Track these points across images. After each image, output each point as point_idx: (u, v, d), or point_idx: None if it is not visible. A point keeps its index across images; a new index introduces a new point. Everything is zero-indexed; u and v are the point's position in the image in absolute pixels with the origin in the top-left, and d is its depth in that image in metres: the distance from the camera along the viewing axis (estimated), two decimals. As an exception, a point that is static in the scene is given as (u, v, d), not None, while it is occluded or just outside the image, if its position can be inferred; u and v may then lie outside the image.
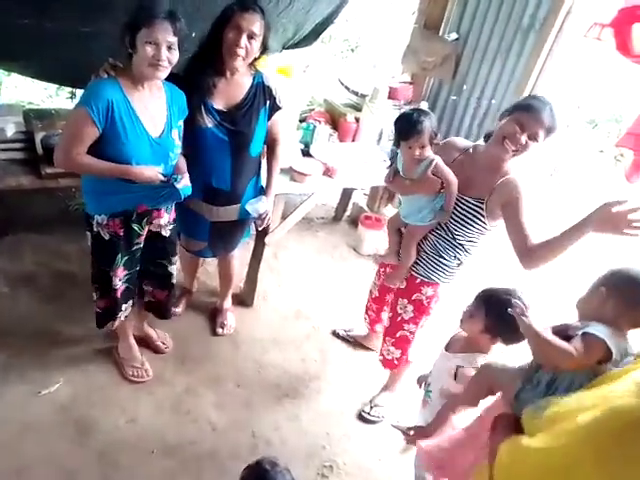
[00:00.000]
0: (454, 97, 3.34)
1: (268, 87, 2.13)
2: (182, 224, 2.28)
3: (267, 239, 2.70)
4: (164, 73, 1.76)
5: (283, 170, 2.59)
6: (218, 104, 2.06)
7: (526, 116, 1.73)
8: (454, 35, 3.24)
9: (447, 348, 1.88)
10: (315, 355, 2.74)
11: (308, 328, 2.90)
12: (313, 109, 3.56)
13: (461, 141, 2.08)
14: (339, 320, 2.95)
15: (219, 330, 2.72)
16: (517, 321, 1.36)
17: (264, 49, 2.02)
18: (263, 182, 2.36)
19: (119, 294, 2.15)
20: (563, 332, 1.36)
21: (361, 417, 2.47)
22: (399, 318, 2.18)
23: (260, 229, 2.40)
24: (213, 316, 2.79)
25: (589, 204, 1.64)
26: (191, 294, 2.89)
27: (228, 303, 2.82)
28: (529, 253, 1.72)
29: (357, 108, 3.30)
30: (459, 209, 1.91)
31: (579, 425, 0.98)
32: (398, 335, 2.22)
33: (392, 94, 3.28)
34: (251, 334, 2.78)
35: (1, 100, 2.75)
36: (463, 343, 1.83)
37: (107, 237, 1.98)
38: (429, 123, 1.84)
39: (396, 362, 2.30)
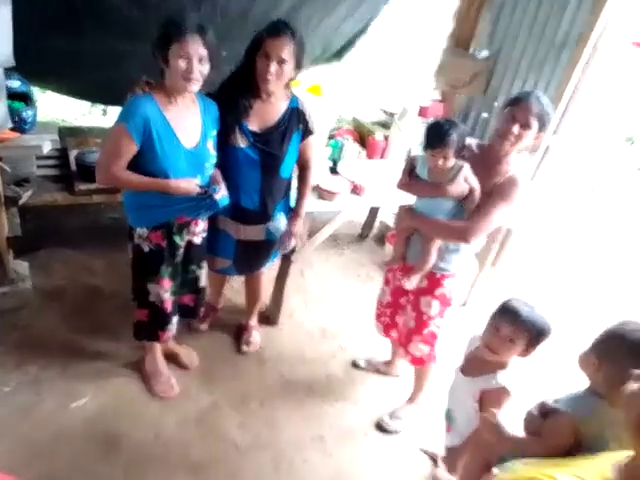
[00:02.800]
0: (485, 114, 3.30)
1: (302, 112, 2.15)
2: (208, 241, 2.29)
3: (293, 257, 2.69)
4: (197, 85, 1.80)
5: (311, 188, 2.60)
6: (253, 125, 2.08)
7: (514, 108, 1.85)
8: (485, 53, 3.22)
9: (463, 371, 1.84)
10: (340, 374, 2.70)
11: (334, 347, 2.86)
12: (341, 126, 3.57)
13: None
14: (364, 340, 2.91)
15: (244, 347, 2.71)
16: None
17: (298, 68, 2.04)
18: (292, 202, 2.37)
19: (168, 306, 2.18)
20: (544, 409, 1.42)
21: (379, 426, 2.44)
22: (425, 316, 2.18)
23: (286, 251, 2.39)
24: (239, 333, 2.79)
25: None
26: (217, 311, 2.89)
27: (254, 320, 2.81)
28: (461, 232, 1.92)
29: (386, 126, 3.30)
30: None
31: None
32: (426, 332, 2.21)
33: (422, 112, 3.28)
34: (276, 352, 2.76)
35: (37, 118, 2.82)
36: (480, 364, 1.76)
37: (146, 249, 2.02)
38: (456, 137, 1.84)
39: (425, 358, 2.29)
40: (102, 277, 2.93)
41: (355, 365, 2.77)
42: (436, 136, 1.86)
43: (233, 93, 2.03)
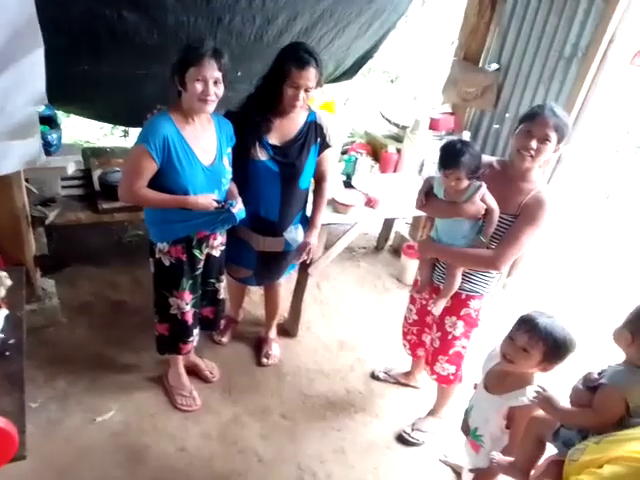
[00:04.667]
0: (496, 126, 3.34)
1: (320, 125, 2.23)
2: (230, 251, 2.35)
3: (310, 269, 2.74)
4: (212, 106, 1.88)
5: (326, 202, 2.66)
6: (273, 139, 2.16)
7: (530, 124, 1.85)
8: (495, 65, 3.27)
9: (487, 387, 1.81)
10: (360, 387, 2.72)
11: (352, 359, 2.89)
12: (354, 141, 3.63)
13: (484, 157, 2.09)
14: (383, 352, 2.94)
15: (264, 360, 2.76)
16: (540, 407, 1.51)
17: (319, 86, 2.12)
18: (308, 213, 2.42)
19: (189, 318, 2.24)
20: (591, 382, 1.44)
21: (401, 438, 2.45)
22: (450, 336, 2.18)
23: (300, 262, 2.44)
24: (258, 346, 2.83)
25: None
26: (237, 323, 2.94)
27: (273, 333, 2.86)
28: (491, 260, 1.94)
29: (398, 139, 3.34)
30: (496, 226, 1.95)
31: (602, 476, 1.13)
32: (451, 352, 2.22)
33: (433, 125, 3.32)
34: (296, 364, 2.80)
35: (62, 140, 2.93)
36: (503, 380, 1.75)
37: (167, 263, 2.09)
38: (469, 159, 1.85)
39: (452, 377, 2.29)
40: (126, 293, 3.00)
41: (374, 377, 2.79)
42: (448, 157, 1.89)
43: (256, 111, 2.12)
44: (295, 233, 2.33)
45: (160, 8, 2.43)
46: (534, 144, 1.83)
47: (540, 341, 1.59)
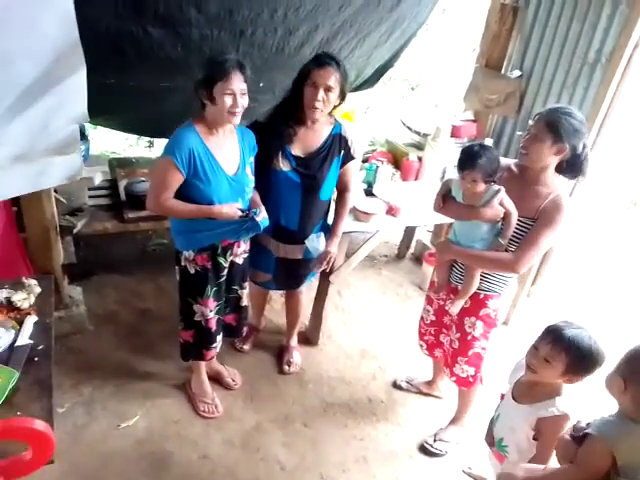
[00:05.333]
0: (519, 132, 3.30)
1: (345, 138, 2.26)
2: (250, 256, 2.37)
3: (331, 277, 2.74)
4: (239, 118, 1.93)
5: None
6: (296, 150, 2.19)
7: (530, 124, 1.91)
8: (517, 72, 3.24)
9: (515, 397, 1.77)
10: (382, 395, 2.71)
11: (374, 368, 2.88)
12: (375, 149, 3.64)
13: (502, 160, 2.08)
14: (405, 361, 2.92)
15: (285, 368, 2.77)
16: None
17: (342, 97, 2.15)
18: (330, 221, 2.44)
19: (213, 325, 2.27)
20: (577, 432, 1.38)
21: (423, 449, 2.42)
22: (469, 337, 2.18)
23: (321, 270, 2.45)
24: (280, 354, 2.85)
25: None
26: (258, 331, 2.97)
27: (294, 341, 2.87)
28: (509, 263, 1.94)
29: (419, 147, 3.34)
30: (514, 229, 1.95)
31: None
32: (470, 353, 2.21)
33: (455, 132, 3.30)
34: (317, 372, 2.80)
35: (90, 151, 3.01)
36: (532, 390, 1.71)
37: (193, 271, 2.13)
38: (486, 162, 1.86)
39: (471, 379, 2.27)
40: (151, 300, 3.06)
41: (396, 386, 2.77)
42: (465, 159, 1.90)
43: (280, 120, 2.16)
44: (317, 242, 2.34)
45: (184, 23, 2.48)
46: (528, 142, 1.89)
47: (563, 352, 1.55)
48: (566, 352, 1.55)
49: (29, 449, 1.32)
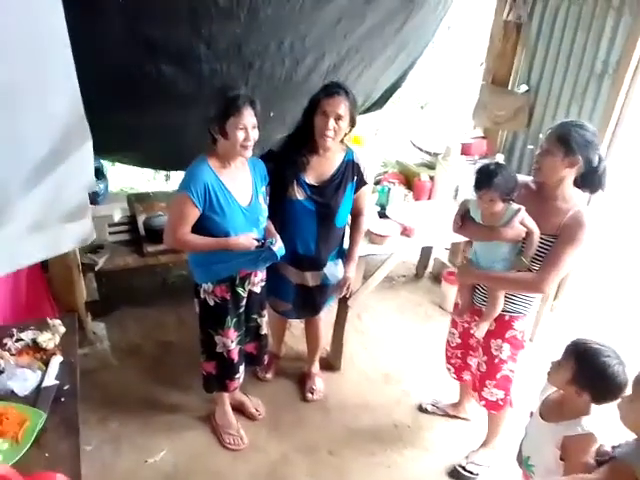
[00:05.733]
0: (531, 146, 3.30)
1: (357, 164, 2.29)
2: (269, 285, 2.39)
3: (350, 301, 2.74)
4: (251, 151, 1.97)
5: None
6: (310, 179, 2.23)
7: (542, 140, 1.92)
8: (524, 87, 3.26)
9: (542, 415, 1.75)
10: (407, 421, 2.67)
11: (398, 392, 2.84)
12: (387, 171, 3.66)
13: (520, 177, 2.07)
14: (429, 383, 2.88)
15: (308, 395, 2.75)
16: None
17: (353, 124, 2.19)
18: (346, 246, 2.46)
19: (235, 355, 2.29)
20: (602, 456, 1.39)
21: (455, 472, 2.37)
22: (496, 360, 2.14)
23: (341, 296, 2.46)
24: (302, 381, 2.84)
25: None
26: (279, 358, 2.97)
27: (316, 368, 2.86)
28: (534, 284, 1.92)
29: (430, 166, 3.35)
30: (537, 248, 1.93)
31: None
32: (499, 376, 2.17)
33: (465, 150, 3.32)
34: (340, 399, 2.78)
35: (108, 189, 3.08)
36: (559, 409, 1.68)
37: (212, 303, 2.16)
38: (502, 180, 1.86)
39: (501, 402, 2.23)
40: (173, 332, 3.08)
41: (422, 409, 2.73)
42: (481, 178, 1.90)
43: (293, 149, 2.21)
44: (335, 269, 2.37)
45: (195, 59, 2.56)
46: (540, 158, 1.89)
47: (573, 357, 1.57)
48: (576, 358, 1.56)
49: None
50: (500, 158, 3.22)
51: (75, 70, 0.80)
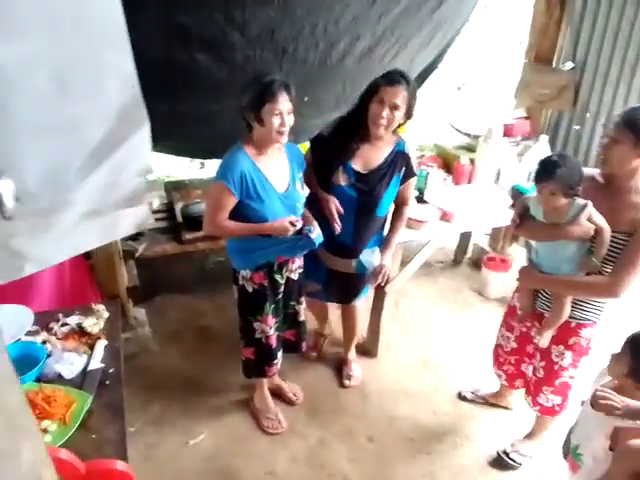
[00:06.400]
0: (577, 127, 3.16)
1: (406, 155, 2.23)
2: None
3: (387, 288, 2.70)
4: (287, 136, 1.95)
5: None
6: (357, 166, 2.19)
7: (608, 129, 1.81)
8: (569, 64, 3.11)
9: (593, 405, 1.67)
10: (447, 408, 2.63)
11: (437, 379, 2.80)
12: (424, 155, 3.58)
13: (584, 170, 1.89)
14: (469, 371, 2.83)
15: (346, 382, 2.75)
16: None
17: (409, 116, 2.12)
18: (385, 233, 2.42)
19: (273, 342, 2.30)
20: None
21: (498, 458, 2.32)
22: (556, 366, 2.03)
23: (376, 284, 2.40)
24: (339, 367, 2.83)
25: None
26: (325, 337, 2.98)
27: (352, 354, 2.85)
28: (608, 288, 1.77)
29: (470, 149, 3.25)
30: (608, 247, 1.77)
31: None
32: (557, 383, 2.07)
33: (507, 131, 3.20)
34: (379, 385, 2.76)
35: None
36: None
37: (250, 290, 2.17)
38: (566, 172, 1.72)
39: (557, 408, 2.14)
40: (212, 318, 3.12)
41: (461, 397, 2.68)
42: (542, 170, 1.78)
43: (343, 135, 2.16)
44: (371, 256, 2.33)
45: (228, 46, 2.55)
46: (603, 148, 1.78)
47: (628, 352, 1.52)
48: (632, 352, 1.50)
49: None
50: (544, 140, 3.10)
51: (131, 52, 0.79)
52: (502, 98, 4.48)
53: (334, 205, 2.17)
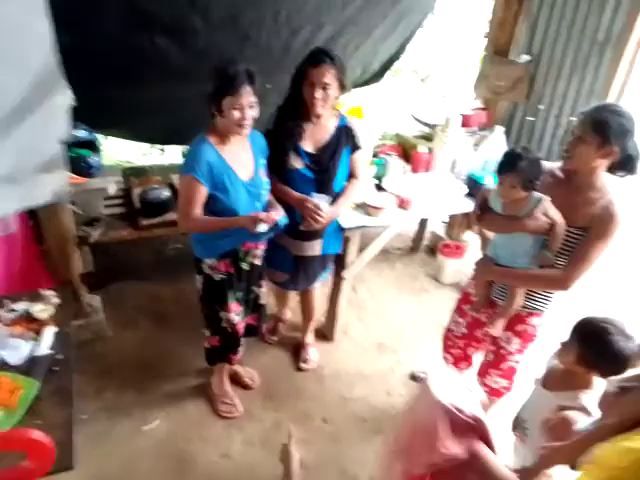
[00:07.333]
0: (530, 118, 3.25)
1: (350, 129, 2.29)
2: (268, 256, 2.38)
3: (344, 273, 2.75)
4: (249, 129, 1.94)
5: (358, 206, 2.68)
6: (307, 147, 2.23)
7: (574, 125, 1.78)
8: (525, 57, 3.19)
9: (544, 384, 1.78)
10: (400, 389, 2.71)
11: (391, 362, 2.88)
12: (385, 144, 3.62)
13: (544, 163, 1.92)
14: (422, 353, 2.91)
15: (302, 365, 2.79)
16: None
17: (343, 89, 2.17)
18: (341, 219, 2.46)
19: (239, 329, 2.31)
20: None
21: None
22: (504, 351, 2.11)
23: (306, 226, 2.28)
24: (297, 352, 2.87)
25: None
26: (284, 322, 3.02)
27: (310, 338, 2.89)
28: (559, 281, 1.83)
29: (428, 139, 3.31)
30: (562, 241, 1.82)
31: None
32: (505, 367, 2.15)
33: (465, 121, 3.26)
34: (335, 368, 2.81)
35: (103, 162, 3.06)
36: (562, 379, 1.70)
37: (217, 278, 2.16)
38: (526, 166, 1.75)
39: (503, 390, 2.23)
40: (169, 304, 3.10)
41: (414, 379, 2.76)
42: (505, 161, 1.81)
43: (286, 121, 2.19)
44: (320, 199, 2.23)
45: (190, 31, 2.52)
46: (572, 145, 1.76)
47: (575, 336, 1.58)
48: (580, 340, 1.56)
49: (29, 459, 1.34)
50: (500, 130, 3.18)
51: (51, 21, 0.78)
52: (462, 90, 4.56)
53: (311, 204, 2.16)
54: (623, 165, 1.74)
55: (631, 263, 3.65)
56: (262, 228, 1.96)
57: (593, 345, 1.53)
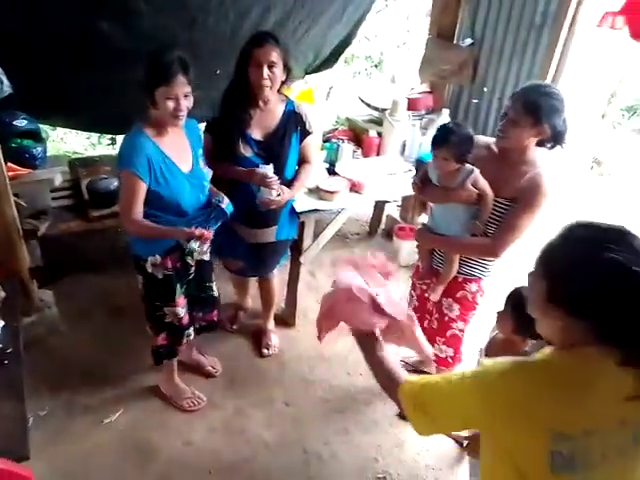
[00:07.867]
0: (475, 100, 3.36)
1: (299, 114, 2.28)
2: (222, 244, 2.35)
3: (301, 258, 2.77)
4: (184, 120, 1.88)
5: (311, 190, 2.70)
6: (256, 134, 2.21)
7: (508, 104, 1.85)
8: (469, 40, 3.28)
9: (487, 353, 1.86)
10: (360, 368, 2.76)
11: (351, 343, 2.90)
12: (336, 129, 3.65)
13: (481, 138, 2.06)
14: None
15: (264, 351, 2.81)
16: None
17: (288, 72, 2.16)
18: (296, 204, 2.50)
19: (185, 321, 2.26)
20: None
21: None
22: (446, 318, 2.21)
23: (263, 203, 2.27)
24: (257, 338, 2.88)
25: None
26: (245, 311, 3.02)
27: (271, 324, 2.91)
28: (489, 248, 1.94)
29: (379, 123, 3.36)
30: (492, 211, 1.93)
31: None
32: (448, 334, 2.24)
33: (412, 105, 3.33)
34: (296, 353, 2.84)
35: (49, 152, 2.96)
36: (503, 348, 1.78)
37: (161, 276, 2.08)
38: (458, 140, 1.84)
39: (450, 360, 2.31)
40: (124, 297, 3.02)
41: None
42: (438, 136, 1.90)
43: (233, 107, 2.17)
44: (267, 169, 2.21)
45: (134, 14, 2.45)
46: (504, 126, 1.84)
47: (509, 308, 1.68)
48: (512, 309, 1.65)
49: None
50: (446, 112, 3.27)
51: None
52: (409, 73, 4.64)
53: (260, 173, 2.14)
54: (552, 139, 1.85)
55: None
56: (194, 245, 1.93)
57: (524, 314, 1.61)
